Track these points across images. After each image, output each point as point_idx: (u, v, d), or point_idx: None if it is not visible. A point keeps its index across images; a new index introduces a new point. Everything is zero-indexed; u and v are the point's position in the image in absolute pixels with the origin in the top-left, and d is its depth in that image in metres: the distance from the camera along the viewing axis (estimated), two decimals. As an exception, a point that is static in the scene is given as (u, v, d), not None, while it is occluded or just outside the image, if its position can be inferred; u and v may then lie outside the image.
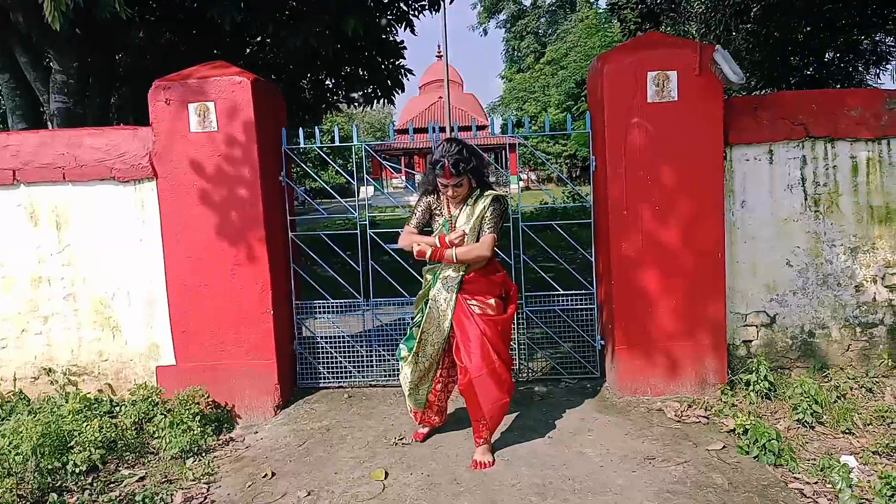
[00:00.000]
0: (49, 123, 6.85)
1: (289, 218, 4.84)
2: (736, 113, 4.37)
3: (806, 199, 4.48)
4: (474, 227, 3.51)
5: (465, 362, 3.48)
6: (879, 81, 12.03)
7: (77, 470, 3.54)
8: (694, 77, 4.16)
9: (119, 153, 4.41)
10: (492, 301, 3.57)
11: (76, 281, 4.54)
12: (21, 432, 3.51)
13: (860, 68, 11.62)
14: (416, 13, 8.67)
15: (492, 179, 3.73)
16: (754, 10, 10.30)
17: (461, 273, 3.54)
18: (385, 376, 4.89)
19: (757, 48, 11.27)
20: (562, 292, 4.78)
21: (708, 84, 4.16)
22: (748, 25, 11.27)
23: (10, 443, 3.49)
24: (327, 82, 9.70)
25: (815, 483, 3.20)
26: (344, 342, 4.88)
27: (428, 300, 3.62)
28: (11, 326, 4.57)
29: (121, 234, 4.50)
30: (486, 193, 3.55)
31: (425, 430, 3.95)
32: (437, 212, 3.66)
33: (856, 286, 4.52)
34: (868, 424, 3.82)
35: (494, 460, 3.58)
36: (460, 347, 3.52)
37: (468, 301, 3.54)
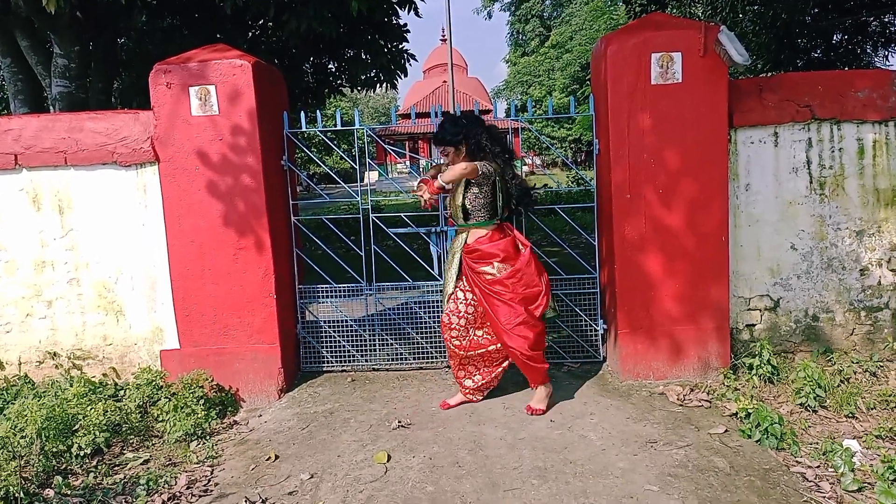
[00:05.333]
0: (51, 108, 6.84)
1: (291, 202, 4.83)
2: (741, 95, 4.33)
3: (811, 182, 4.44)
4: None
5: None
6: (888, 63, 11.95)
7: (82, 453, 3.57)
8: (699, 58, 4.11)
9: (120, 137, 4.40)
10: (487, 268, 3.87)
11: (79, 265, 4.55)
12: (26, 416, 3.53)
13: (868, 50, 11.53)
14: (419, -5, 8.58)
15: (496, 149, 3.89)
16: (761, -9, 10.21)
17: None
18: (388, 360, 4.91)
19: (763, 30, 11.17)
20: (564, 276, 4.77)
21: (713, 66, 4.12)
22: (755, 7, 11.16)
23: (15, 426, 3.51)
24: (330, 66, 9.64)
25: (818, 467, 3.20)
26: (347, 326, 4.89)
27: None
28: (15, 310, 4.59)
29: (123, 218, 4.50)
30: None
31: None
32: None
33: (861, 270, 4.49)
34: (871, 408, 3.81)
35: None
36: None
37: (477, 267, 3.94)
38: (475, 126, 3.85)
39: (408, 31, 8.79)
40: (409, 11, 8.45)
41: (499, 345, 3.98)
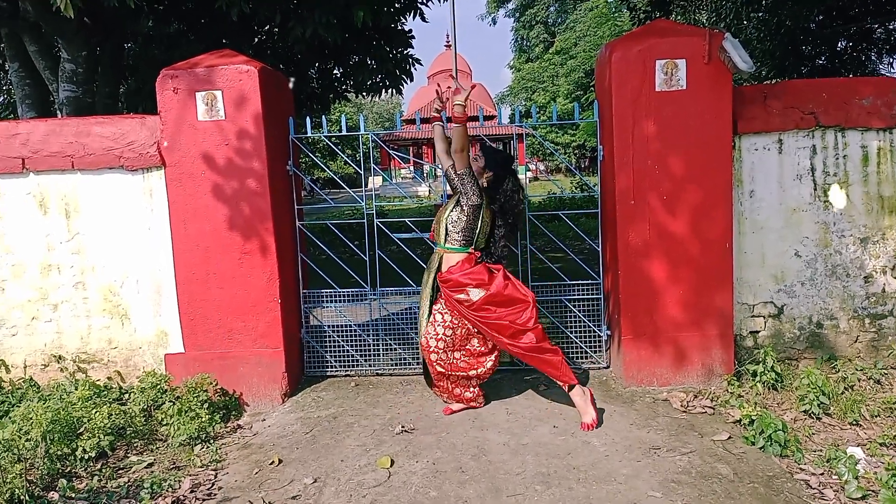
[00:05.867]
0: (58, 113, 6.88)
1: (296, 207, 4.85)
2: (745, 102, 4.34)
3: (815, 189, 4.45)
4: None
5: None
6: (893, 71, 11.92)
7: (86, 456, 3.58)
8: (703, 65, 4.12)
9: (127, 142, 4.43)
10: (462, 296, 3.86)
11: (85, 269, 4.57)
12: (31, 418, 3.55)
13: (873, 57, 11.50)
14: (425, 1, 8.61)
15: (505, 206, 4.01)
16: (765, -2, 10.22)
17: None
18: (391, 365, 4.92)
19: (768, 37, 11.17)
20: (568, 282, 4.77)
21: (717, 73, 4.13)
22: (759, 14, 11.16)
23: (20, 429, 3.52)
24: (335, 71, 9.66)
25: (821, 474, 3.19)
26: (351, 331, 4.90)
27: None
28: (21, 314, 4.61)
29: (129, 222, 4.52)
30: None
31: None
32: None
33: (865, 277, 4.48)
34: (875, 416, 3.80)
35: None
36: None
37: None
38: (507, 173, 4.00)
39: (412, 37, 8.81)
40: (414, 17, 8.48)
41: (479, 370, 4.02)
